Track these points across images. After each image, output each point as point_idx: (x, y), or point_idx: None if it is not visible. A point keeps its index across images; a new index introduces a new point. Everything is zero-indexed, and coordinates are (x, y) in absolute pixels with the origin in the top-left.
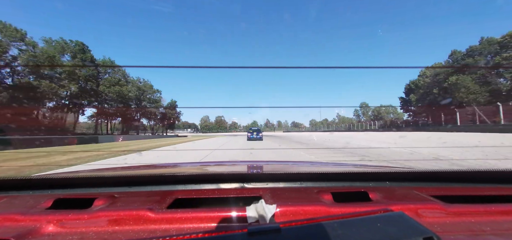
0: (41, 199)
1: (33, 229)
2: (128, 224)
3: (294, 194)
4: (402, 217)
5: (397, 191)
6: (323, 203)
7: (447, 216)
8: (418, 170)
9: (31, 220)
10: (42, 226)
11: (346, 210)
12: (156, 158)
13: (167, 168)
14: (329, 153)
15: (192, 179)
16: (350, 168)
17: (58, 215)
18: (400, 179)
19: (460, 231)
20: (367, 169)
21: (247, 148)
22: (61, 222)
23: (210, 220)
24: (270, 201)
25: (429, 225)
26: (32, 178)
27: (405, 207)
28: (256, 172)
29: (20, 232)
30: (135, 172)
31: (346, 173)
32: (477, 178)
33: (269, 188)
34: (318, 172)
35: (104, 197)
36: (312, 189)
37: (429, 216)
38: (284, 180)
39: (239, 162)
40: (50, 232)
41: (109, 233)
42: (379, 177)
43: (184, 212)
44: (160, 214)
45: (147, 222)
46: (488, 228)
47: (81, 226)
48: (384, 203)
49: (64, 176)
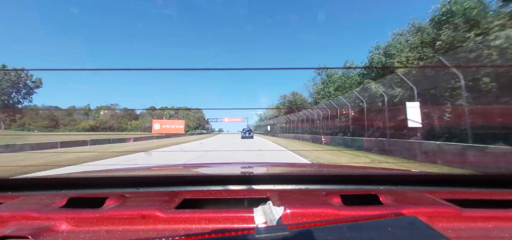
0: (55, 198)
1: (48, 227)
2: (138, 224)
3: (301, 196)
4: (415, 222)
5: (409, 194)
6: (331, 206)
7: (462, 221)
8: (431, 173)
9: (46, 218)
10: (57, 224)
11: (355, 213)
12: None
13: (176, 169)
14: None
15: (200, 180)
16: (359, 170)
17: (72, 213)
18: (412, 182)
19: (475, 237)
20: (377, 172)
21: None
22: (74, 221)
23: (218, 221)
24: (277, 203)
25: (443, 230)
26: (47, 178)
27: (417, 211)
28: (263, 173)
29: (36, 229)
30: (144, 173)
31: (355, 175)
32: (493, 182)
33: (277, 189)
34: (327, 174)
35: (115, 197)
36: (320, 191)
37: (442, 221)
38: (292, 182)
39: (246, 163)
40: (64, 230)
41: (120, 232)
42: (389, 180)
43: (192, 212)
44: (169, 214)
45: (156, 222)
46: (506, 234)
47: (93, 225)
48: (395, 206)
49: (77, 176)
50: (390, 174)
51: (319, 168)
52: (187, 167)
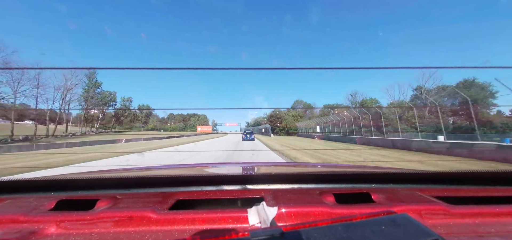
0: (44, 200)
1: (36, 231)
2: (131, 225)
3: (295, 195)
4: (407, 219)
5: (400, 192)
6: (325, 205)
7: (451, 218)
8: (421, 171)
9: (34, 221)
10: (45, 227)
11: (349, 211)
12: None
13: (169, 169)
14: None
15: (194, 180)
16: (352, 169)
17: (61, 216)
18: (403, 180)
19: (464, 232)
20: (369, 170)
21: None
22: (64, 223)
23: (212, 221)
24: (271, 203)
25: (433, 226)
26: (35, 180)
27: (408, 209)
28: (257, 173)
29: (23, 233)
30: (136, 174)
31: (348, 174)
32: (481, 179)
33: (271, 189)
34: (320, 173)
35: (106, 199)
36: (314, 190)
37: (433, 218)
38: (286, 181)
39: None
40: (53, 233)
41: (111, 234)
42: (381, 178)
43: (186, 213)
44: (162, 215)
45: (150, 223)
46: (493, 230)
47: (84, 227)
48: (387, 204)
49: (67, 178)
50: (382, 172)
51: (313, 167)
52: (180, 167)
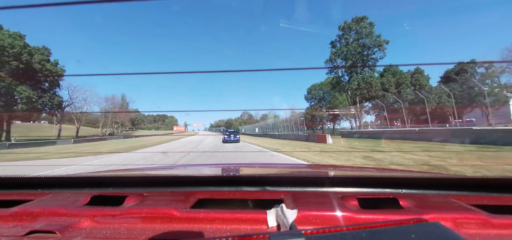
0: (80, 196)
1: (73, 223)
2: (156, 222)
3: (316, 198)
4: (439, 228)
5: (432, 198)
6: (348, 209)
7: (492, 228)
8: (456, 176)
9: (72, 215)
10: (81, 220)
11: (374, 218)
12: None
13: (191, 169)
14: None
15: (214, 180)
16: (377, 172)
17: (95, 210)
18: (435, 186)
19: None
20: (396, 174)
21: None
22: (97, 217)
23: (231, 221)
24: (291, 205)
25: (470, 237)
26: (73, 177)
27: (441, 217)
28: (277, 175)
29: (62, 225)
30: (162, 173)
31: (373, 177)
32: None
33: (291, 191)
34: (342, 176)
35: (134, 196)
36: (335, 194)
37: (470, 228)
38: (306, 184)
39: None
40: (87, 226)
41: (138, 229)
42: (410, 182)
43: (207, 212)
44: (184, 213)
45: (173, 220)
46: None
47: (115, 222)
48: (417, 211)
49: (100, 175)
50: (411, 177)
51: (335, 169)
52: (201, 167)
